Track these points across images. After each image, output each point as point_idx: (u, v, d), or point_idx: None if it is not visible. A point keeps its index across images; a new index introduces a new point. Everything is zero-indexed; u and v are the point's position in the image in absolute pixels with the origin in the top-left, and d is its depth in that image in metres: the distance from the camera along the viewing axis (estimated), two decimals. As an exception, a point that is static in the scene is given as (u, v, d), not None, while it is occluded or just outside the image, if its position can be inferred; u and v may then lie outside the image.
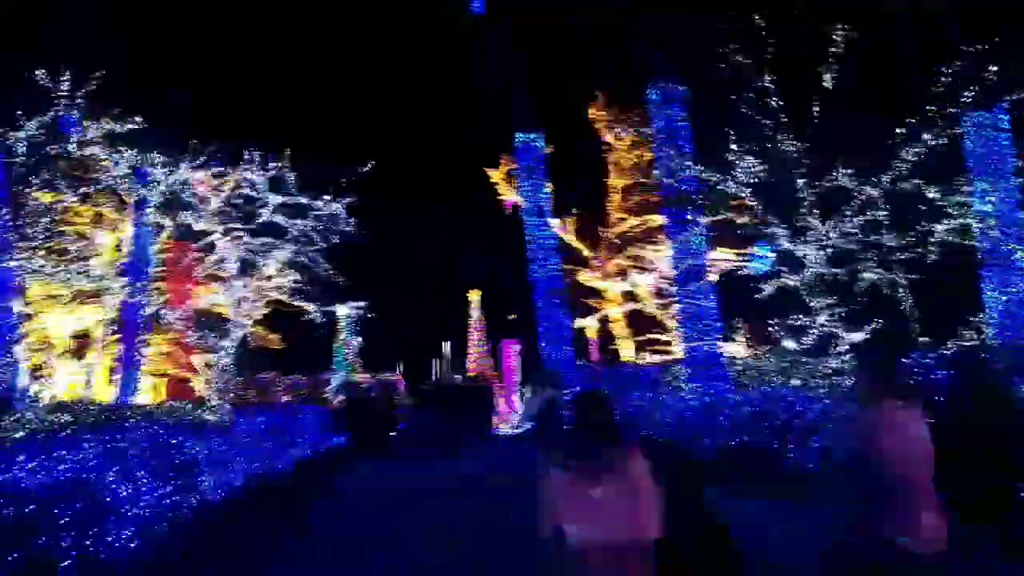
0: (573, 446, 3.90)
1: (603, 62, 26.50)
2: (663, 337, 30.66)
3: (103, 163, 14.22)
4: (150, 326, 24.38)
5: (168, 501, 7.70)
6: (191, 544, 7.52)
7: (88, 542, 5.77)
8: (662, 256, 28.07)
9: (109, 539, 6.14)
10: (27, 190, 13.89)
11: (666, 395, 15.32)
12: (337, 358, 30.39)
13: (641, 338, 30.53)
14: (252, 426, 14.31)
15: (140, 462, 7.58)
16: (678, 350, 28.31)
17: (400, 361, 39.53)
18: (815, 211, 11.15)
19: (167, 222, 20.26)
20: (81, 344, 25.66)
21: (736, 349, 28.12)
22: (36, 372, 22.72)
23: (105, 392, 24.02)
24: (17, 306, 23.35)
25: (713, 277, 15.06)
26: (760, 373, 17.67)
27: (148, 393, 27.98)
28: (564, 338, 17.00)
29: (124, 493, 6.76)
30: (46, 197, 15.77)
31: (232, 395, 29.41)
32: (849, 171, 11.40)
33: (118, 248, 23.54)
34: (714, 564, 4.91)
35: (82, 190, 15.17)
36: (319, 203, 19.40)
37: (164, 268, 26.71)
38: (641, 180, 30.75)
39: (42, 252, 22.57)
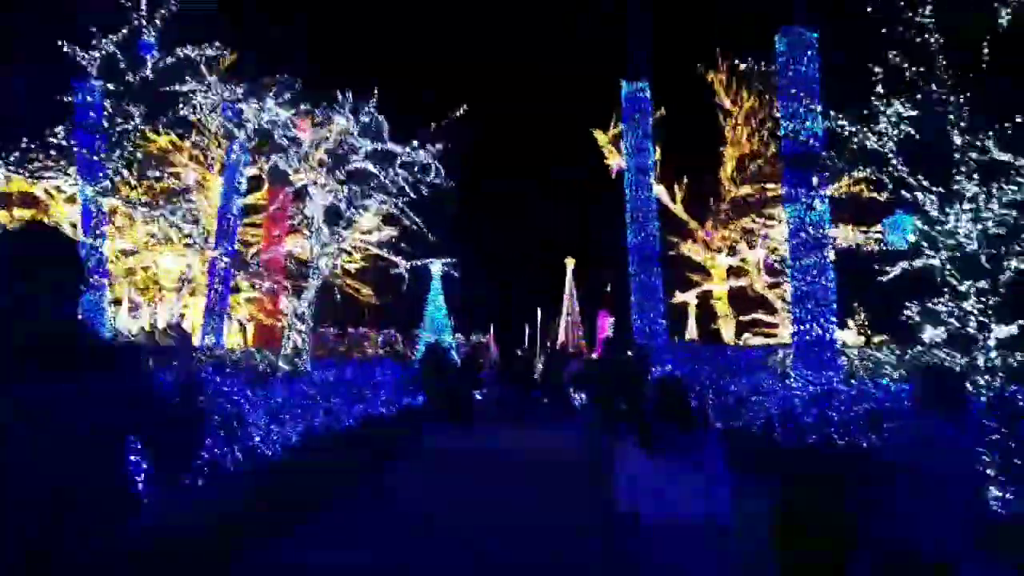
0: (654, 428, 4.15)
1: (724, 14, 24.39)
2: (769, 318, 28.69)
3: (189, 94, 13.68)
4: (236, 271, 24.44)
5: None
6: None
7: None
8: (776, 230, 26.06)
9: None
10: (117, 119, 13.49)
11: (770, 382, 13.71)
12: (428, 316, 29.83)
13: (745, 318, 28.61)
14: (337, 377, 14.10)
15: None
16: (785, 333, 26.42)
17: (491, 324, 38.82)
18: (973, 177, 9.25)
19: (259, 164, 19.87)
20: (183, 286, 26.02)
21: (849, 336, 25.87)
22: (131, 310, 23.08)
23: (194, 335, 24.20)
24: (109, 242, 23.83)
25: (831, 254, 13.29)
26: (875, 365, 15.80)
27: (234, 338, 28.29)
28: (658, 311, 15.55)
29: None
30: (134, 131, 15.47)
31: (320, 347, 29.47)
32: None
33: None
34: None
35: (168, 124, 14.62)
36: (410, 151, 18.43)
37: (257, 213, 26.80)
38: (759, 149, 28.77)
39: (140, 188, 22.79)
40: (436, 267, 24.65)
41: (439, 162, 19.14)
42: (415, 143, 16.69)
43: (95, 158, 13.71)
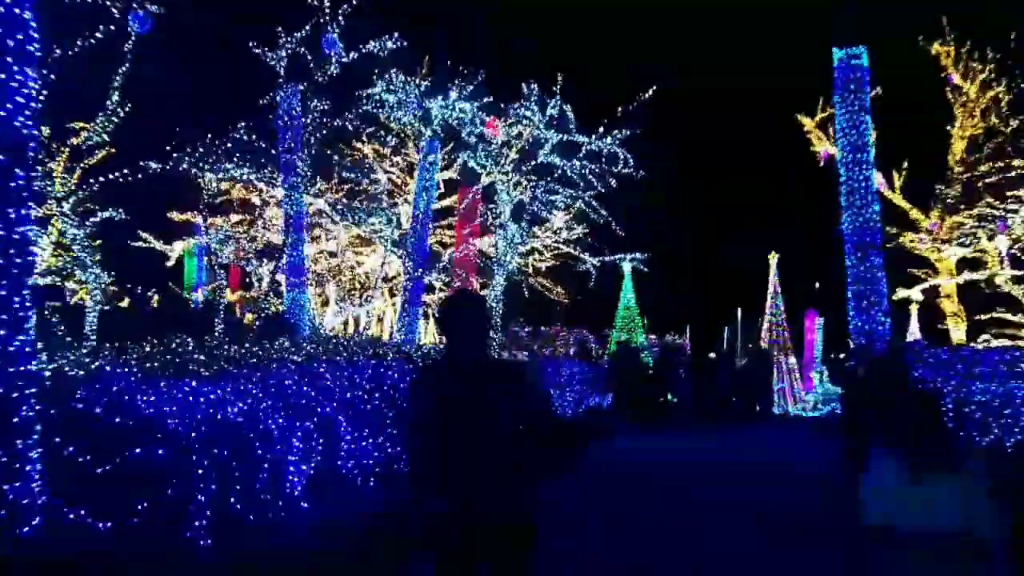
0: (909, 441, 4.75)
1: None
2: (1012, 317, 24.88)
3: (375, 92, 13.80)
4: (428, 270, 24.87)
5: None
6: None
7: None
8: (1021, 214, 22.53)
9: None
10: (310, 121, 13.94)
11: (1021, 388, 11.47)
12: (619, 315, 28.91)
13: (983, 317, 24.99)
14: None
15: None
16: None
17: (687, 324, 37.28)
18: None
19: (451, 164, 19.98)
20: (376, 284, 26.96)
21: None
22: (325, 307, 24.08)
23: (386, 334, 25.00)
24: (313, 244, 25.09)
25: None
26: None
27: (430, 336, 28.94)
28: (881, 307, 13.61)
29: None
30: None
31: (512, 344, 29.49)
32: None
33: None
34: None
35: (357, 123, 14.84)
36: (596, 140, 17.66)
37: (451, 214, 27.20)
38: (996, 125, 25.17)
39: (341, 192, 23.80)
40: (627, 264, 23.70)
41: (628, 151, 18.22)
42: (600, 130, 15.81)
43: (293, 157, 14.18)
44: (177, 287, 28.82)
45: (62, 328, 7.79)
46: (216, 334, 13.21)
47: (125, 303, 22.65)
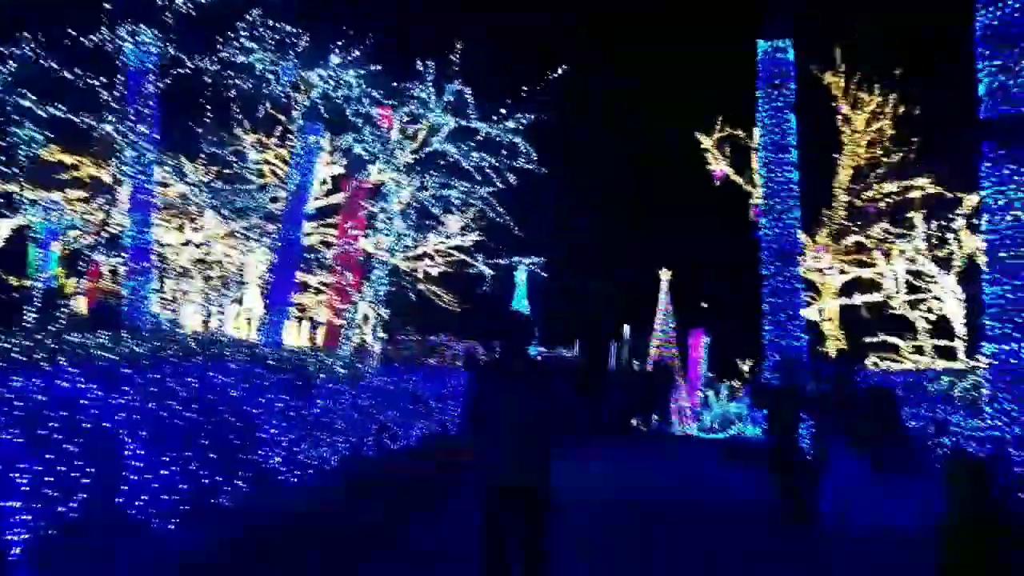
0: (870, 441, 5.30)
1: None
2: (897, 341, 24.87)
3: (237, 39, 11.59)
4: (307, 267, 22.53)
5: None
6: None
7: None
8: (916, 237, 22.48)
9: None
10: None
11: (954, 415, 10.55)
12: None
13: (872, 339, 24.90)
14: (397, 385, 12.73)
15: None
16: (926, 359, 22.70)
17: (577, 338, 36.06)
18: None
19: (328, 146, 17.86)
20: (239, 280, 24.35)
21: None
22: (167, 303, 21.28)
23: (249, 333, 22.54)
24: (176, 232, 22.28)
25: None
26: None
27: (296, 338, 26.47)
28: (797, 321, 12.51)
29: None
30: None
31: (394, 353, 27.40)
32: None
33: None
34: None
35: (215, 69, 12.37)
36: (496, 126, 15.95)
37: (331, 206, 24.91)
38: (881, 156, 25.40)
39: (210, 175, 21.14)
40: (521, 270, 22.01)
41: (530, 143, 16.62)
42: (503, 111, 14.12)
43: (144, 110, 11.83)
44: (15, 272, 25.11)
45: None
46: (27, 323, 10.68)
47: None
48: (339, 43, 14.02)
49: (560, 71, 14.56)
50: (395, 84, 16.05)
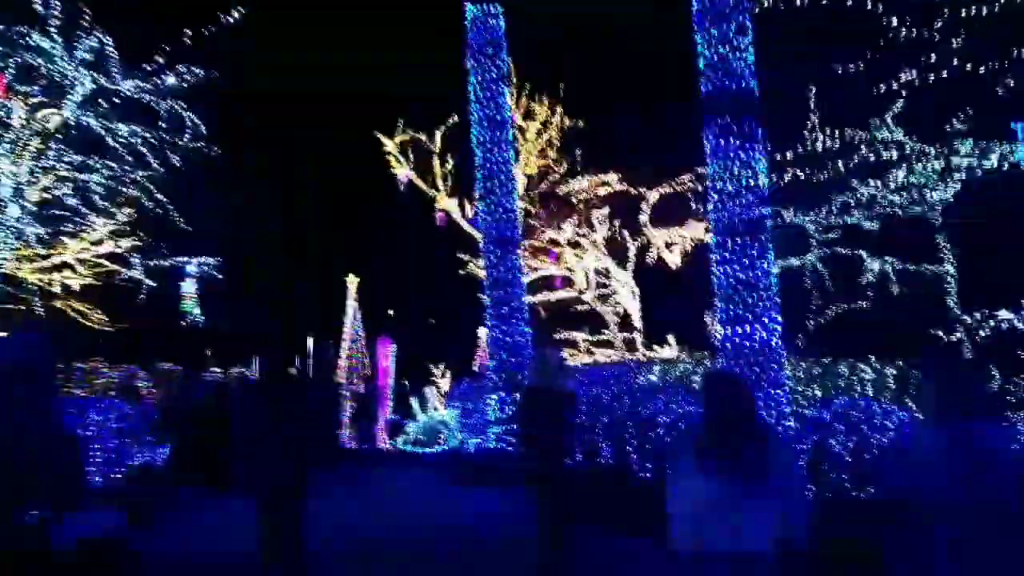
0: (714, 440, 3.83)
1: None
2: (583, 336, 25.66)
3: None
4: None
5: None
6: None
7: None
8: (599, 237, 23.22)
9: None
10: None
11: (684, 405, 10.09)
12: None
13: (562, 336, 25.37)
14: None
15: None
16: (611, 352, 23.53)
17: (254, 353, 32.59)
18: None
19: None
20: None
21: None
22: None
23: None
24: None
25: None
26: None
27: None
28: (521, 316, 11.37)
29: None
30: None
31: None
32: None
33: None
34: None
35: None
36: (147, 83, 12.68)
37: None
38: (553, 163, 25.90)
39: None
40: (190, 271, 18.34)
41: (198, 117, 13.65)
42: (159, 63, 11.13)
43: None
44: None
45: None
46: None
47: None
48: None
49: (233, 17, 11.79)
50: None
